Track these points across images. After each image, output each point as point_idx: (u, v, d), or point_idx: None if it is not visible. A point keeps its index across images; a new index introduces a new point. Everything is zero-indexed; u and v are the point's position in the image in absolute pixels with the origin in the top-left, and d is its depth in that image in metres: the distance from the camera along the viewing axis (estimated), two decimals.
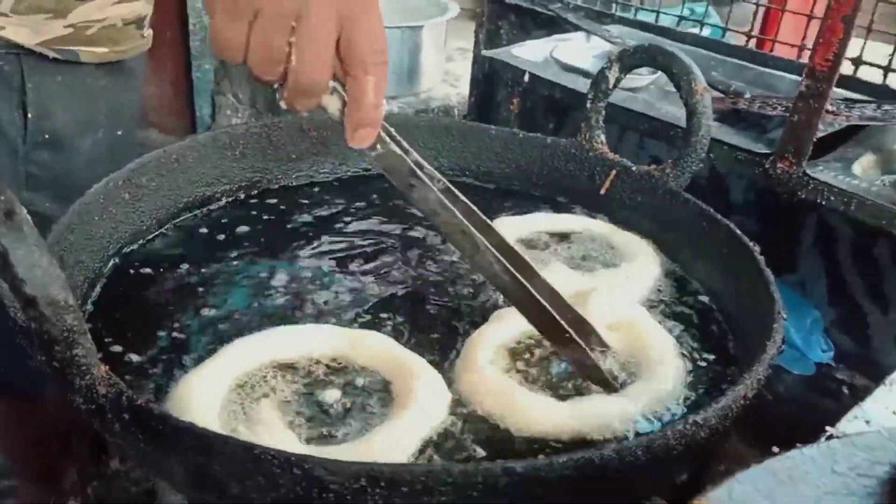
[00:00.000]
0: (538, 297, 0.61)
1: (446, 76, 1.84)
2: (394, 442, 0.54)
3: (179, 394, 0.58)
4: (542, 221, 0.87)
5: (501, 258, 0.61)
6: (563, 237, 0.86)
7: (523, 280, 0.61)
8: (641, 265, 0.79)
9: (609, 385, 0.62)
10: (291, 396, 0.60)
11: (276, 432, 0.54)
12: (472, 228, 0.61)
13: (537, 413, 0.59)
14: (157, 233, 0.81)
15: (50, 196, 0.92)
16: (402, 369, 0.61)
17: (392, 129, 0.61)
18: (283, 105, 0.57)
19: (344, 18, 0.54)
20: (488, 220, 0.66)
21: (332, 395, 0.60)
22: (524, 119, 1.25)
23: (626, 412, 0.59)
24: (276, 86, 0.56)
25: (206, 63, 2.05)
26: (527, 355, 0.67)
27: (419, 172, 0.60)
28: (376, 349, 0.63)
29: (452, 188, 0.65)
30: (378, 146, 0.59)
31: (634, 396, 0.61)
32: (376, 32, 0.55)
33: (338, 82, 0.56)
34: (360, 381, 0.62)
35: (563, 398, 0.62)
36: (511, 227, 0.82)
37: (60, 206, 0.72)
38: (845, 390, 1.14)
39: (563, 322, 0.61)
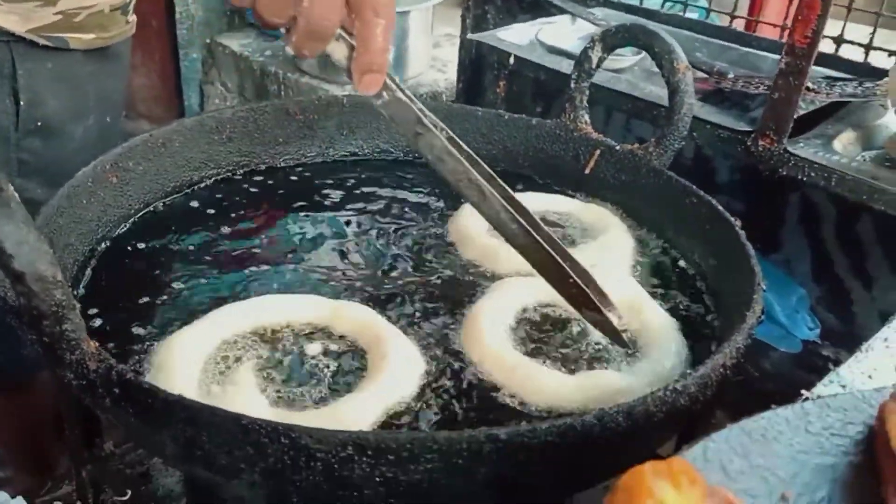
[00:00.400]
0: (545, 244, 0.62)
1: (434, 62, 1.84)
2: (359, 410, 0.55)
3: (162, 354, 0.60)
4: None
5: (508, 206, 0.62)
6: None
7: (530, 228, 0.62)
8: (616, 238, 0.81)
9: (621, 339, 0.64)
10: (269, 361, 0.62)
11: (247, 394, 0.56)
12: (479, 176, 0.62)
13: (540, 384, 0.60)
14: (144, 214, 0.82)
15: (42, 183, 0.92)
16: (377, 339, 0.62)
17: (396, 78, 0.61)
18: (289, 51, 0.57)
19: None
20: (491, 171, 0.66)
21: (313, 349, 0.62)
22: (510, 102, 1.25)
23: (630, 388, 0.60)
24: (283, 31, 0.57)
25: (193, 52, 2.04)
26: (533, 325, 0.68)
27: (425, 120, 0.60)
28: (355, 319, 0.65)
29: (456, 138, 0.65)
30: (384, 93, 0.59)
31: (638, 373, 0.62)
32: None
33: (343, 29, 0.56)
34: (338, 350, 0.63)
35: (569, 371, 0.63)
36: (472, 211, 0.82)
37: (52, 192, 0.72)
38: (832, 367, 1.15)
39: (569, 270, 0.63)
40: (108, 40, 0.98)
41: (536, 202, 0.87)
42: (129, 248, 0.77)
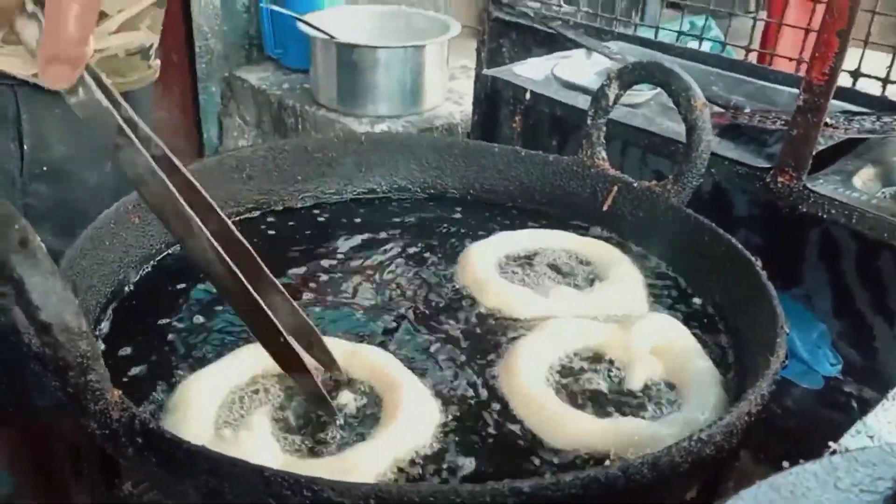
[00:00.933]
0: (252, 292, 0.55)
1: (450, 94, 1.86)
2: (373, 458, 0.55)
3: (179, 395, 0.60)
4: (505, 243, 0.86)
5: (217, 245, 0.54)
6: (535, 256, 0.86)
7: (238, 272, 0.54)
8: (627, 273, 0.80)
9: (328, 407, 0.60)
10: (284, 404, 0.61)
11: (259, 439, 0.56)
12: (187, 207, 0.53)
13: (569, 427, 0.60)
14: (166, 254, 0.82)
15: (51, 229, 0.91)
16: (393, 385, 0.62)
17: (104, 76, 0.53)
18: None
19: None
20: (212, 202, 0.58)
21: (345, 398, 0.62)
22: (527, 137, 1.26)
23: (658, 436, 0.59)
24: None
25: (212, 86, 2.07)
26: (574, 368, 0.68)
27: (128, 131, 0.52)
28: (372, 363, 0.64)
29: (173, 157, 0.56)
30: (81, 91, 0.50)
31: (670, 423, 0.62)
32: None
33: (40, 6, 0.48)
34: (353, 394, 0.63)
35: (604, 416, 0.63)
36: (479, 254, 0.82)
37: (63, 239, 0.71)
38: (854, 404, 1.14)
39: (276, 323, 0.56)
40: (125, 86, 0.95)
41: (537, 240, 0.87)
42: (151, 288, 0.77)
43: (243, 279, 0.55)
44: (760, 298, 0.69)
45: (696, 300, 0.80)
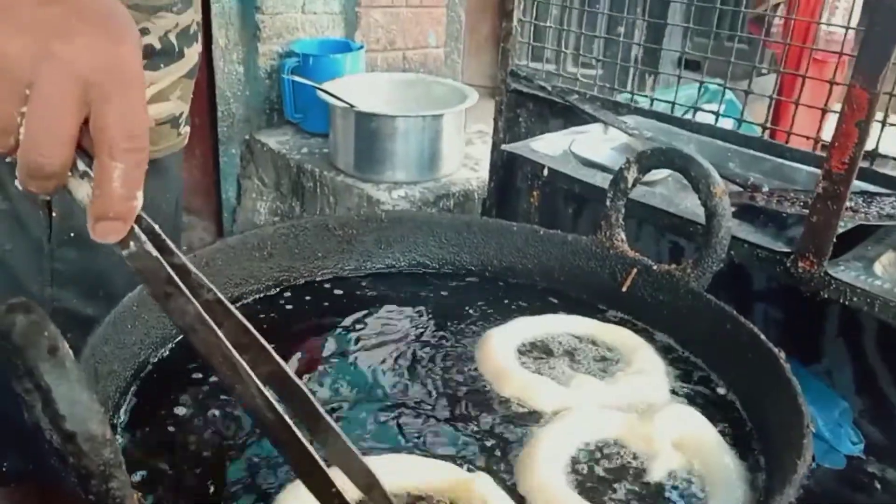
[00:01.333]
0: (304, 442, 0.52)
1: (466, 160, 1.88)
2: None
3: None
4: (525, 329, 0.85)
5: (266, 391, 0.52)
6: (555, 342, 0.85)
7: (288, 420, 0.52)
8: (648, 360, 0.80)
9: None
10: None
11: None
12: (235, 352, 0.52)
13: None
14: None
15: (77, 292, 0.92)
16: None
17: (156, 227, 0.54)
18: (18, 186, 0.49)
19: (93, 91, 0.47)
20: (267, 345, 0.55)
21: None
22: (544, 211, 1.27)
23: None
24: (8, 160, 0.49)
25: (232, 148, 2.11)
26: (594, 461, 0.67)
27: (177, 280, 0.52)
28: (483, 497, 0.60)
29: (226, 302, 0.55)
30: (131, 244, 0.51)
31: None
32: (133, 114, 0.49)
33: (90, 166, 0.49)
34: None
35: None
36: (498, 342, 0.81)
37: (88, 302, 0.70)
38: (877, 485, 1.11)
39: (330, 477, 0.52)
40: (154, 153, 0.98)
41: (557, 326, 0.87)
42: (170, 371, 0.77)
43: (294, 429, 0.52)
44: (785, 394, 0.68)
45: (719, 389, 0.79)
